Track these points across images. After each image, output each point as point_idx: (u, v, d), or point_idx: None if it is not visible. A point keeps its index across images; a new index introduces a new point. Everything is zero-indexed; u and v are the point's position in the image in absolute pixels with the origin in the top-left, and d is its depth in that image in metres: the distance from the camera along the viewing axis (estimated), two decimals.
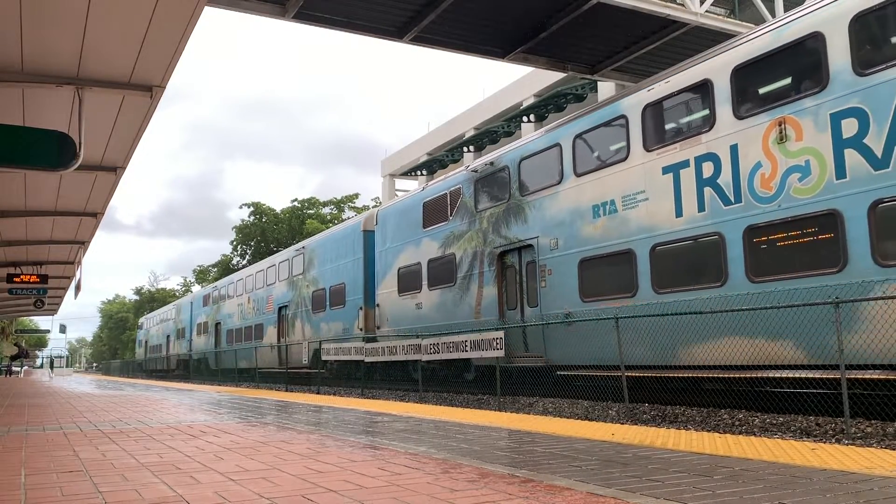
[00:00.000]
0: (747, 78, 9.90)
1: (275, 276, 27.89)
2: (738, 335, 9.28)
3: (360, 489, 3.83)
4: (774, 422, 8.30)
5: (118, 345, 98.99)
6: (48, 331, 68.62)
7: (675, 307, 10.03)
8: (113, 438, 6.63)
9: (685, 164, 10.56)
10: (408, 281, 17.69)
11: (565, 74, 25.36)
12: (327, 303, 22.54)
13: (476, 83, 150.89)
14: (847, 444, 6.20)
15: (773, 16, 18.16)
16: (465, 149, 42.24)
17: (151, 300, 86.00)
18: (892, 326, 7.52)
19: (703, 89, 10.48)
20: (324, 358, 18.26)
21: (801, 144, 9.03)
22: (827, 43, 8.81)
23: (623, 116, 11.77)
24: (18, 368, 56.86)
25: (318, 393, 17.49)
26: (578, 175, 12.61)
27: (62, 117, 8.64)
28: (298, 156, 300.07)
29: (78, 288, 20.91)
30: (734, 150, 9.87)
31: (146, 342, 55.74)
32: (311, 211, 59.14)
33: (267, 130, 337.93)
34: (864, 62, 8.44)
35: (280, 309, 26.68)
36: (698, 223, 10.30)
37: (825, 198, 8.71)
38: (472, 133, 41.54)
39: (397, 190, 49.76)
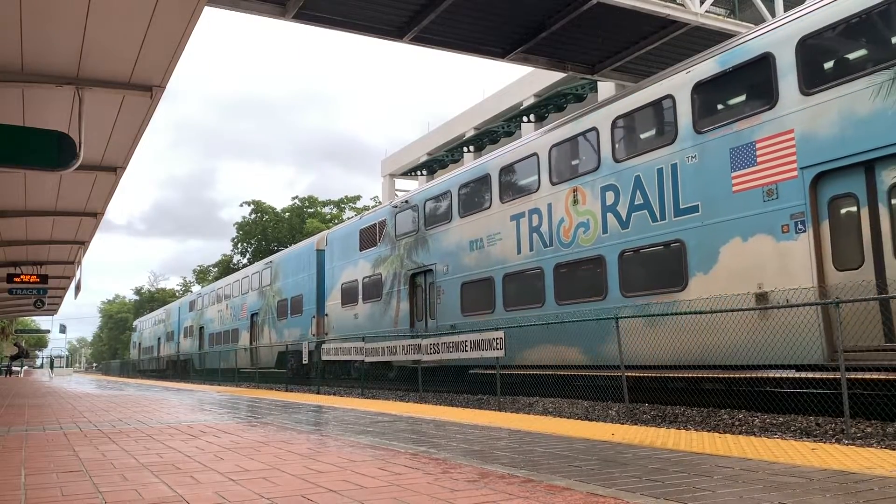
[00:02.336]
0: (558, 154, 13.35)
1: (248, 287, 31.12)
2: (550, 344, 12.35)
3: (360, 489, 3.83)
4: (774, 422, 8.30)
5: (118, 345, 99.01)
6: (48, 331, 68.61)
7: (517, 321, 13.02)
8: (113, 438, 6.63)
9: (523, 214, 13.95)
10: (348, 295, 21.02)
11: (565, 74, 25.35)
12: (288, 311, 25.78)
13: (475, 83, 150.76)
14: (847, 444, 6.20)
15: (773, 15, 18.15)
16: (465, 149, 42.24)
17: (151, 300, 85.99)
18: (635, 338, 10.52)
19: (533, 160, 13.83)
20: (324, 358, 18.47)
21: (585, 207, 12.43)
22: (600, 136, 12.20)
23: (488, 175, 15.21)
24: (18, 368, 56.83)
25: (318, 393, 17.49)
26: (462, 217, 15.97)
27: (62, 117, 8.63)
28: (288, 155, 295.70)
29: (78, 288, 20.90)
30: (550, 207, 13.26)
31: (140, 344, 58.69)
32: (311, 210, 59.10)
33: (254, 129, 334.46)
34: (618, 153, 11.86)
35: (252, 315, 30.02)
36: (529, 259, 13.65)
37: (597, 246, 12.12)
38: (472, 133, 41.55)
39: (397, 190, 49.75)
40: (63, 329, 63.28)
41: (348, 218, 50.79)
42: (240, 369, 26.94)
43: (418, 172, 48.17)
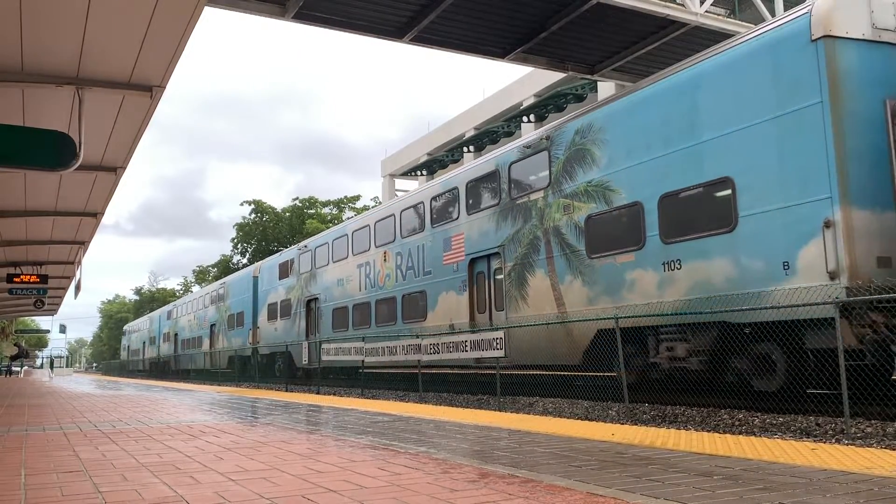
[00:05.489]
0: (379, 227, 19.36)
1: (209, 302, 36.89)
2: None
3: (360, 489, 3.83)
4: (774, 422, 8.30)
5: (118, 345, 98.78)
6: (48, 331, 68.69)
7: (358, 337, 17.82)
8: (113, 438, 6.63)
9: (363, 265, 20.11)
10: (272, 313, 27.32)
11: (565, 74, 25.36)
12: (235, 323, 32.02)
13: (475, 83, 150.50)
14: (847, 444, 6.20)
15: (773, 15, 18.13)
16: (465, 149, 42.25)
17: (151, 300, 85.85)
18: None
19: (367, 228, 20.08)
20: (324, 358, 18.61)
21: (389, 264, 18.57)
22: (395, 219, 18.50)
23: (346, 234, 21.53)
24: (18, 368, 56.84)
25: (318, 393, 17.49)
26: (335, 262, 22.06)
27: (62, 117, 8.62)
28: (272, 155, 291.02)
29: (78, 288, 20.89)
30: (374, 262, 19.47)
31: (129, 347, 64.23)
32: (311, 210, 59.03)
33: (236, 129, 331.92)
34: (402, 232, 18.03)
35: (212, 326, 35.89)
36: (365, 294, 19.80)
37: (393, 290, 18.19)
38: (472, 133, 41.56)
39: (397, 189, 49.74)
40: (63, 329, 63.50)
41: (348, 218, 50.81)
42: (201, 369, 33.28)
43: (418, 172, 48.17)
